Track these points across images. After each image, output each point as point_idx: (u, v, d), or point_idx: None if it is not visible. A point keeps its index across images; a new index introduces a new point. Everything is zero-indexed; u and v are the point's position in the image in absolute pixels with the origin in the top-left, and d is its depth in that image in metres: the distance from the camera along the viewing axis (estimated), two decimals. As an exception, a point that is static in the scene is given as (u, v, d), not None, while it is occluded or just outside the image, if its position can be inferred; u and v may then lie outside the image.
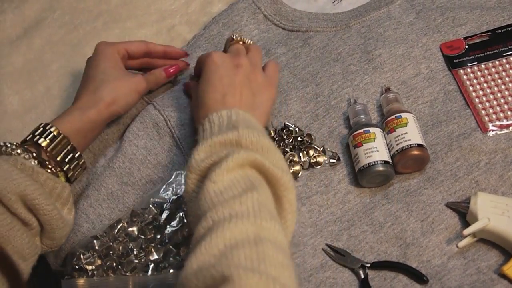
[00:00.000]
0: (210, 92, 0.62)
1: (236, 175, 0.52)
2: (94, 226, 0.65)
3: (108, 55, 0.69)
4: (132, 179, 0.68)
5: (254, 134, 0.55)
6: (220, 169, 0.51)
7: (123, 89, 0.67)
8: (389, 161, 0.64)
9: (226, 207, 0.48)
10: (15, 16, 0.88)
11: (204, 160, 0.54)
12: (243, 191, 0.50)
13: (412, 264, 0.60)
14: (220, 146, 0.55)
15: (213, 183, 0.51)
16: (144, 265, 0.60)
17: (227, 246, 0.44)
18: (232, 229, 0.46)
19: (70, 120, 0.63)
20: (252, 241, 0.45)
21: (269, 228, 0.47)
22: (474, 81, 0.71)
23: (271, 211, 0.50)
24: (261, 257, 0.43)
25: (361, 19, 0.78)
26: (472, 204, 0.60)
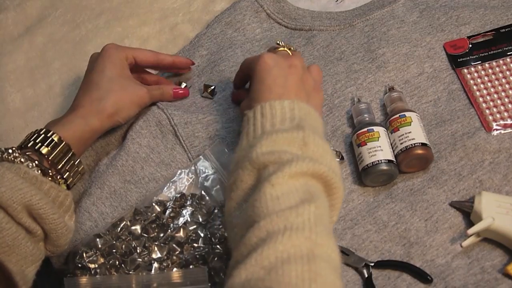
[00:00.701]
0: (265, 92, 0.59)
1: (296, 182, 0.50)
2: (97, 224, 0.65)
3: (116, 61, 0.68)
4: (135, 177, 0.67)
5: (317, 138, 0.54)
6: (281, 172, 0.49)
7: (126, 102, 0.67)
8: (393, 160, 0.64)
9: (281, 217, 0.46)
10: (17, 14, 0.87)
11: (265, 154, 0.52)
12: (301, 202, 0.47)
13: (416, 263, 0.60)
14: (283, 143, 0.53)
15: (271, 186, 0.49)
16: (147, 263, 0.60)
17: (278, 260, 0.43)
18: (285, 242, 0.44)
19: (72, 128, 0.63)
20: (305, 257, 0.43)
21: (324, 245, 0.45)
22: (478, 80, 0.71)
23: (327, 227, 0.48)
24: (313, 277, 0.42)
25: (365, 18, 0.78)
26: (476, 204, 0.60)
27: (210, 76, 0.76)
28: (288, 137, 0.53)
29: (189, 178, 0.66)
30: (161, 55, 0.72)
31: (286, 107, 0.56)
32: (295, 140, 0.53)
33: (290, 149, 0.52)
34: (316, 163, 0.51)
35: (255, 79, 0.62)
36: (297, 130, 0.54)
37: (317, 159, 0.52)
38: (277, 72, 0.61)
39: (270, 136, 0.53)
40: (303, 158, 0.51)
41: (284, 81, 0.60)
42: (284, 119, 0.56)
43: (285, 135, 0.53)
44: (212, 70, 0.77)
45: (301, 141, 0.53)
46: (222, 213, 0.63)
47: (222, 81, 0.75)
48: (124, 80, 0.68)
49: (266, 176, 0.50)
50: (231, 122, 0.71)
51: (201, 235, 0.61)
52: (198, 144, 0.69)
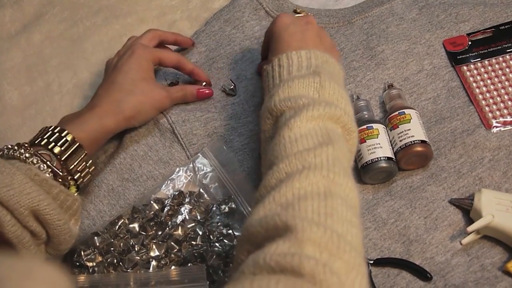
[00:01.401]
0: (283, 48, 0.60)
1: (315, 125, 0.50)
2: (94, 222, 0.65)
3: (143, 64, 0.67)
4: (133, 175, 0.67)
5: (333, 83, 0.54)
6: (299, 117, 0.50)
7: (146, 106, 0.66)
8: (392, 157, 0.64)
9: (299, 158, 0.47)
10: (15, 11, 0.87)
11: (282, 101, 0.53)
12: (319, 144, 0.48)
13: (415, 261, 0.60)
14: (300, 88, 0.54)
15: (289, 129, 0.50)
16: (146, 261, 0.60)
17: (295, 196, 0.43)
18: (302, 180, 0.44)
19: (87, 128, 0.61)
20: (322, 194, 0.43)
21: (342, 184, 0.46)
22: (478, 77, 0.71)
23: (346, 168, 0.48)
24: (329, 212, 0.42)
25: (364, 15, 0.78)
26: (476, 201, 0.60)
27: (208, 73, 0.76)
28: (304, 82, 0.54)
29: (187, 176, 0.65)
30: (183, 59, 0.72)
31: (303, 56, 0.57)
32: (311, 84, 0.54)
33: (306, 93, 0.54)
34: (332, 106, 0.51)
35: (273, 38, 0.63)
36: (313, 75, 0.55)
37: (333, 103, 0.53)
38: (294, 28, 0.62)
39: (287, 83, 0.54)
40: (319, 102, 0.51)
41: (302, 36, 0.61)
42: (300, 67, 0.57)
43: (301, 81, 0.54)
44: (210, 67, 0.76)
45: (318, 85, 0.54)
46: (220, 211, 0.63)
47: (220, 78, 0.75)
48: (147, 84, 0.67)
49: (284, 121, 0.51)
50: (229, 119, 0.71)
51: (200, 233, 0.61)
52: (196, 141, 0.69)
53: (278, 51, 0.60)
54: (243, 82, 0.74)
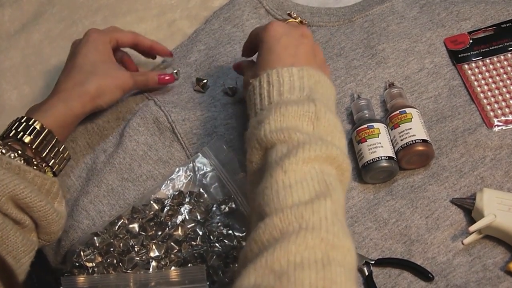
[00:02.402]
0: (273, 61, 0.55)
1: (310, 169, 0.46)
2: (94, 222, 0.64)
3: (99, 46, 0.67)
4: (133, 175, 0.67)
5: (329, 113, 0.50)
6: (295, 157, 0.46)
7: (109, 85, 0.66)
8: (393, 156, 0.63)
9: (295, 214, 0.43)
10: (14, 10, 0.86)
11: (274, 132, 0.48)
12: (316, 196, 0.44)
13: (417, 261, 0.59)
14: (293, 118, 0.49)
15: (283, 172, 0.45)
16: (145, 262, 0.59)
17: (290, 264, 0.40)
18: (299, 243, 0.41)
19: (54, 114, 0.61)
20: (319, 262, 0.40)
21: (340, 247, 0.42)
22: (479, 76, 0.70)
23: (343, 223, 0.45)
24: (328, 284, 0.39)
25: (364, 14, 0.77)
26: (477, 201, 0.60)
27: (208, 72, 0.75)
28: (298, 110, 0.50)
29: (187, 176, 0.65)
30: (140, 36, 0.72)
31: (295, 74, 0.53)
32: (306, 114, 0.50)
33: (300, 124, 0.49)
34: (329, 145, 0.48)
35: (263, 47, 0.57)
36: (308, 103, 0.50)
37: (327, 139, 0.49)
38: (287, 40, 0.57)
39: (279, 109, 0.50)
40: (315, 139, 0.48)
41: (295, 50, 0.56)
42: (292, 88, 0.52)
43: (295, 109, 0.50)
44: (210, 65, 0.76)
45: (313, 115, 0.50)
46: (220, 211, 0.62)
47: (220, 76, 0.75)
48: (108, 65, 0.67)
49: (277, 159, 0.47)
50: (229, 118, 0.71)
51: (200, 233, 0.61)
52: (196, 141, 0.69)
53: (268, 64, 0.55)
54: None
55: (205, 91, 0.73)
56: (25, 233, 0.56)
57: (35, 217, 0.55)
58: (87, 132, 0.71)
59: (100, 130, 0.71)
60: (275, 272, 0.40)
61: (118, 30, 0.72)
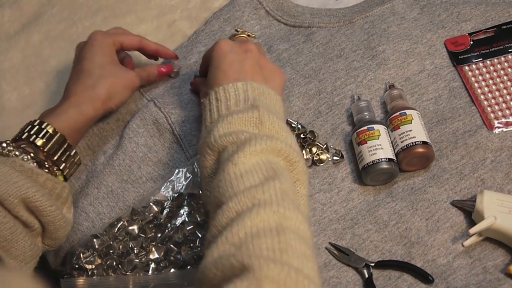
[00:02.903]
0: (220, 78, 0.60)
1: (258, 160, 0.50)
2: (94, 224, 0.64)
3: (105, 49, 0.68)
4: (132, 176, 0.67)
5: (272, 116, 0.54)
6: (242, 152, 0.50)
7: (119, 87, 0.67)
8: (394, 158, 0.63)
9: (248, 196, 0.47)
10: (13, 11, 0.86)
11: (222, 137, 0.53)
12: (265, 179, 0.48)
13: (417, 263, 0.59)
14: (239, 124, 0.54)
15: (234, 165, 0.50)
16: (145, 264, 0.59)
17: (248, 235, 0.43)
18: (253, 218, 0.44)
19: (66, 118, 0.62)
20: (274, 230, 0.43)
21: (292, 218, 0.46)
22: (480, 77, 0.70)
23: (294, 201, 0.48)
24: (283, 247, 0.42)
25: (364, 15, 0.77)
26: (478, 203, 0.59)
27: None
28: (243, 117, 0.54)
29: (187, 177, 0.65)
30: (145, 40, 0.73)
31: (239, 88, 0.57)
32: (251, 120, 0.54)
33: (246, 128, 0.53)
34: (274, 139, 0.52)
35: (212, 65, 0.62)
36: (252, 110, 0.54)
37: (273, 136, 0.53)
38: (232, 57, 0.61)
39: (226, 118, 0.54)
40: (260, 136, 0.51)
41: (240, 66, 0.60)
42: (238, 101, 0.56)
43: (240, 116, 0.54)
44: (210, 68, 0.76)
45: (257, 120, 0.54)
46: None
47: (220, 79, 0.75)
48: (115, 67, 0.68)
49: (227, 156, 0.51)
50: (229, 120, 0.71)
51: (199, 235, 0.61)
52: (196, 142, 0.69)
53: (216, 81, 0.60)
54: (243, 83, 0.74)
55: None
56: (32, 238, 0.56)
57: (44, 221, 0.55)
58: (87, 134, 0.71)
59: (99, 132, 0.71)
60: (235, 244, 0.43)
61: (123, 33, 0.72)
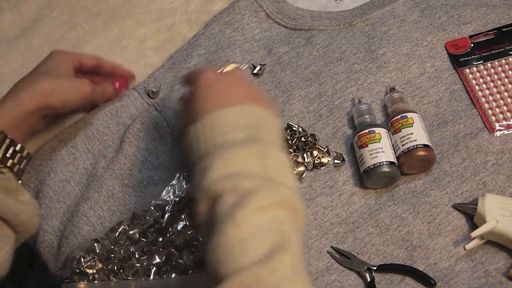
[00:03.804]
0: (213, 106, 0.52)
1: (264, 219, 0.43)
2: (94, 228, 0.64)
3: (61, 61, 0.67)
4: (133, 180, 0.67)
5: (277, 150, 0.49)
6: (245, 208, 0.43)
7: (65, 85, 0.64)
8: (395, 162, 0.63)
9: (254, 276, 0.40)
10: (13, 15, 0.86)
11: (220, 180, 0.45)
12: (274, 251, 0.41)
13: (419, 266, 0.59)
14: (241, 161, 0.47)
15: (235, 228, 0.42)
16: (146, 269, 0.59)
17: None
18: None
19: (3, 114, 0.60)
20: None
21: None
22: (480, 80, 0.70)
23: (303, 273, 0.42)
24: None
25: (365, 18, 0.77)
26: (479, 206, 0.59)
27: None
28: (244, 152, 0.47)
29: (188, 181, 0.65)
30: (102, 60, 0.72)
31: (238, 112, 0.50)
32: (254, 155, 0.47)
33: (250, 166, 0.46)
34: (281, 189, 0.45)
35: (197, 96, 0.55)
36: (254, 143, 0.48)
37: (278, 180, 0.47)
38: (223, 84, 0.55)
39: (224, 153, 0.47)
40: (265, 185, 0.45)
41: (234, 91, 0.54)
42: (236, 128, 0.49)
43: (241, 151, 0.47)
44: (210, 71, 0.76)
45: (261, 155, 0.47)
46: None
47: (221, 82, 0.75)
48: (66, 73, 0.66)
49: (227, 211, 0.44)
50: (230, 124, 0.71)
51: (200, 239, 0.60)
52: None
53: (207, 108, 0.52)
54: (244, 86, 0.74)
55: None
56: None
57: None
58: (87, 138, 0.71)
59: (100, 136, 0.71)
60: None
61: (80, 53, 0.71)
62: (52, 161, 0.69)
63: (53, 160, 0.69)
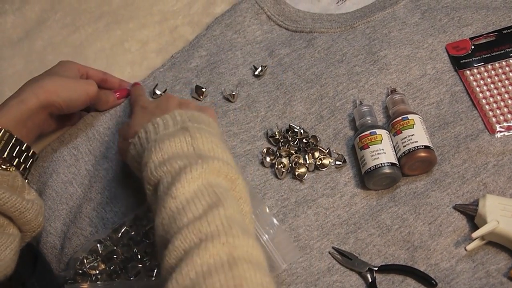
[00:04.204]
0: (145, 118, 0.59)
1: (199, 185, 0.48)
2: (97, 229, 0.64)
3: (68, 66, 0.68)
4: (135, 182, 0.67)
5: (204, 132, 0.53)
6: (180, 182, 0.47)
7: (69, 83, 0.64)
8: (396, 163, 0.63)
9: (193, 230, 0.44)
10: (16, 17, 0.87)
11: (158, 167, 0.50)
12: (209, 207, 0.46)
13: (420, 267, 0.59)
14: (172, 147, 0.52)
15: (173, 199, 0.47)
16: (149, 269, 0.59)
17: (199, 275, 0.41)
18: (202, 254, 0.42)
19: (8, 111, 0.59)
20: (226, 264, 0.41)
21: (243, 246, 0.43)
22: (481, 82, 0.70)
23: (242, 225, 0.46)
24: (238, 283, 0.40)
25: (366, 20, 0.77)
26: (480, 207, 0.60)
27: (209, 78, 0.76)
28: (175, 140, 0.52)
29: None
30: (109, 74, 0.74)
31: (167, 117, 0.56)
32: (182, 140, 0.52)
33: (180, 150, 0.51)
34: (210, 160, 0.49)
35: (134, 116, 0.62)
36: (182, 131, 0.53)
37: (209, 155, 0.51)
38: (156, 103, 0.62)
39: (157, 145, 0.52)
40: (195, 160, 0.49)
41: (166, 106, 0.60)
42: (166, 125, 0.55)
43: (171, 139, 0.52)
44: (211, 72, 0.76)
45: (189, 138, 0.52)
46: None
47: (221, 83, 0.75)
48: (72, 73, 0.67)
49: (164, 189, 0.48)
50: (231, 125, 0.71)
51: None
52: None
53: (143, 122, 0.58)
54: (245, 87, 0.74)
55: (202, 99, 0.73)
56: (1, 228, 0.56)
57: (4, 210, 0.55)
58: (88, 139, 0.71)
59: (100, 137, 0.71)
60: (187, 287, 0.40)
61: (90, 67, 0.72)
62: (54, 163, 0.70)
63: (55, 161, 0.70)
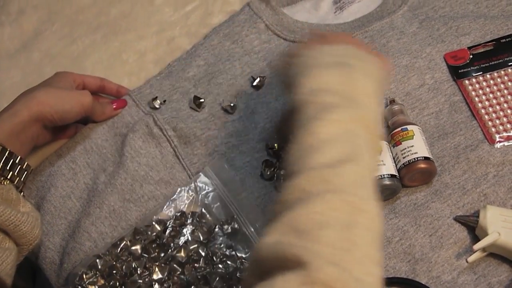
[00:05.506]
0: None
1: (338, 130, 0.46)
2: (96, 244, 0.64)
3: (63, 77, 0.68)
4: (134, 196, 0.66)
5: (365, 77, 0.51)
6: (321, 120, 0.46)
7: (62, 95, 0.63)
8: (396, 174, 0.63)
9: (319, 177, 0.42)
10: (13, 29, 0.86)
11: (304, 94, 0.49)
12: (343, 159, 0.43)
13: (421, 280, 0.59)
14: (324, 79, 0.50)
15: (309, 134, 0.45)
16: (148, 284, 0.59)
17: (313, 223, 0.39)
18: (323, 204, 0.40)
19: (0, 123, 0.59)
20: (343, 223, 0.39)
21: (367, 212, 0.41)
22: (480, 91, 0.70)
23: (370, 188, 0.44)
24: (348, 247, 0.38)
25: (364, 30, 0.77)
26: (481, 218, 0.59)
27: (207, 88, 0.75)
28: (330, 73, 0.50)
29: (189, 196, 0.65)
30: (106, 80, 0.73)
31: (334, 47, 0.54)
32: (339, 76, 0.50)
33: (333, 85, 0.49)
34: (361, 107, 0.48)
35: None
36: (342, 66, 0.51)
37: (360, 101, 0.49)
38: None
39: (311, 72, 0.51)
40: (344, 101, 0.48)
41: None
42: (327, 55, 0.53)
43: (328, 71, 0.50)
44: (209, 82, 0.76)
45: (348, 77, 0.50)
46: (222, 231, 0.62)
47: (219, 94, 0.75)
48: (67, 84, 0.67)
49: (305, 121, 0.47)
50: (230, 137, 0.71)
51: (202, 254, 0.60)
52: (197, 161, 0.68)
53: None
54: (243, 98, 0.74)
55: (200, 110, 0.73)
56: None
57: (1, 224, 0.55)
58: (86, 152, 0.71)
59: (98, 149, 0.71)
60: (297, 230, 0.39)
61: (86, 74, 0.72)
62: (52, 177, 0.69)
63: (53, 175, 0.69)
